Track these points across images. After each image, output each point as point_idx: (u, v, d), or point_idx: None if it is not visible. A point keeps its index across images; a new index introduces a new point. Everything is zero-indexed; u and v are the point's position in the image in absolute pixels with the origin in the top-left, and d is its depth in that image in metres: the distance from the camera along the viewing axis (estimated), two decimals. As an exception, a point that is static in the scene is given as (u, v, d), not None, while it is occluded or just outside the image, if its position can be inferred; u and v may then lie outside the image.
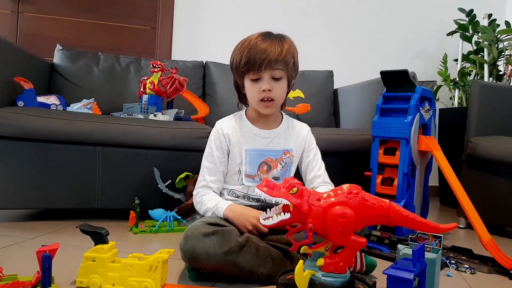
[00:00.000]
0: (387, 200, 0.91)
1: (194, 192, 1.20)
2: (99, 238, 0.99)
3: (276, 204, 0.86)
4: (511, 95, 1.88)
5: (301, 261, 0.88)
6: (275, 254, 1.06)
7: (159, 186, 1.57)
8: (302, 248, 0.94)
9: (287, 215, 0.86)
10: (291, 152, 1.23)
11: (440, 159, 1.40)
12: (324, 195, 0.91)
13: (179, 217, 1.54)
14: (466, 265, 1.26)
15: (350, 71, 2.62)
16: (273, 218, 0.86)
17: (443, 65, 2.56)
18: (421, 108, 1.42)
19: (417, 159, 1.45)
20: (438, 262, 0.89)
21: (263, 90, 1.12)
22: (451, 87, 2.54)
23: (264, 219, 0.89)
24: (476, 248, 1.39)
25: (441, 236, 0.93)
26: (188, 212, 1.58)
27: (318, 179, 1.24)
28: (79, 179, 1.57)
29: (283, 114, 1.28)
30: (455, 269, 1.26)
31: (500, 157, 1.64)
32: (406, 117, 1.39)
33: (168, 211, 1.55)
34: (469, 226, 1.85)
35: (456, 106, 2.51)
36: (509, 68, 2.29)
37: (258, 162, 1.20)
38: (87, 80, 2.18)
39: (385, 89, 1.49)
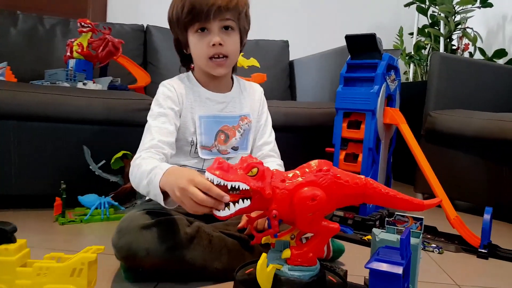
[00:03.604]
0: (362, 176, 0.79)
1: (135, 157, 0.92)
2: (2, 236, 0.77)
3: (232, 189, 0.68)
4: (471, 68, 1.84)
5: (264, 255, 0.73)
6: (232, 245, 0.91)
7: (90, 167, 1.35)
8: (264, 237, 0.79)
9: (247, 202, 0.70)
10: (249, 117, 1.05)
11: (407, 132, 1.31)
12: (290, 175, 0.76)
13: (116, 203, 1.34)
14: (433, 245, 1.20)
15: (305, 42, 2.52)
16: (229, 207, 0.69)
17: (399, 38, 2.50)
18: (387, 78, 1.31)
19: (382, 133, 1.35)
20: (420, 248, 0.77)
21: (213, 45, 0.92)
22: (406, 61, 2.49)
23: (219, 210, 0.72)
24: (439, 225, 1.34)
25: (422, 218, 0.82)
26: (127, 197, 1.37)
27: (268, 146, 1.09)
28: (-13, 160, 1.30)
29: (233, 76, 1.09)
30: (422, 249, 1.18)
31: (460, 131, 1.60)
32: (372, 86, 1.27)
33: (103, 196, 1.35)
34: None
35: (411, 80, 2.47)
36: (463, 42, 2.28)
37: (214, 130, 1.01)
38: (2, 43, 1.88)
39: (349, 56, 1.36)
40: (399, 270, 0.61)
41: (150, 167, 0.82)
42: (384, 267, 0.62)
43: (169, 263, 0.82)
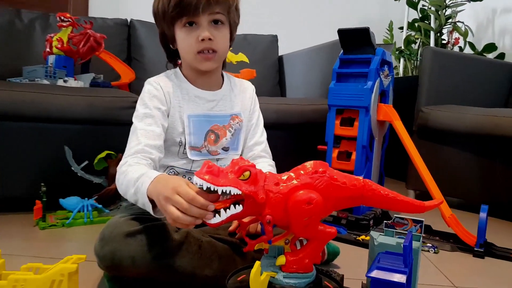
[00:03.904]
0: (360, 178, 0.75)
1: (121, 163, 0.86)
2: (-27, 247, 0.71)
3: (223, 194, 0.64)
4: (463, 63, 1.82)
5: (257, 263, 0.68)
6: (222, 250, 0.86)
7: (72, 168, 1.29)
8: (257, 244, 0.75)
9: (239, 208, 0.65)
10: (240, 116, 1.00)
11: (401, 129, 1.27)
12: (284, 177, 0.71)
13: (100, 206, 1.28)
14: (429, 244, 1.17)
15: (295, 36, 2.47)
16: (220, 213, 0.64)
17: (388, 32, 2.47)
18: (381, 73, 1.27)
19: (376, 130, 1.31)
20: (420, 252, 0.74)
21: (202, 40, 0.87)
22: (396, 55, 2.47)
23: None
24: (433, 223, 1.32)
25: (422, 221, 0.79)
26: (111, 199, 1.31)
27: (259, 146, 1.04)
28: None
29: (223, 72, 1.04)
30: (418, 249, 1.15)
31: (453, 127, 1.57)
32: (366, 82, 1.24)
33: (86, 198, 1.29)
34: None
35: (401, 75, 2.45)
36: (453, 37, 2.26)
37: (204, 130, 0.95)
38: (-24, 38, 1.79)
39: (342, 51, 1.32)
40: (402, 279, 0.57)
41: (137, 175, 0.77)
42: (386, 275, 0.58)
43: (156, 271, 0.78)
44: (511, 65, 1.99)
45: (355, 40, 1.26)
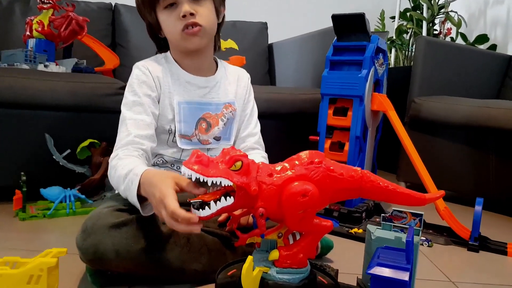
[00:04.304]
0: (358, 169, 0.72)
1: (112, 155, 0.83)
2: None
3: (214, 185, 0.60)
4: (457, 53, 1.80)
5: (250, 258, 0.65)
6: (212, 244, 0.82)
7: (54, 157, 1.23)
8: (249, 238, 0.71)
9: (230, 200, 0.62)
10: (233, 105, 0.97)
11: (395, 120, 1.25)
12: (278, 168, 0.68)
13: (83, 196, 1.23)
14: (422, 237, 1.15)
15: (285, 24, 2.41)
16: (210, 206, 0.60)
17: (380, 22, 2.44)
18: (375, 61, 1.24)
19: (370, 120, 1.28)
20: (418, 247, 0.72)
21: (184, 16, 0.83)
22: (387, 45, 2.44)
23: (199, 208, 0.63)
24: (425, 216, 1.29)
25: (421, 214, 0.76)
26: (95, 189, 1.26)
27: (253, 138, 1.01)
28: None
29: (217, 59, 1.00)
30: (411, 242, 1.14)
31: (446, 118, 1.55)
32: (360, 71, 1.20)
33: (68, 189, 1.24)
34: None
35: (393, 66, 2.43)
36: (445, 27, 2.24)
37: (195, 118, 0.92)
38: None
39: (335, 38, 1.28)
40: (405, 276, 0.54)
41: (125, 171, 0.74)
42: (388, 272, 0.55)
43: (142, 266, 0.74)
44: (503, 56, 1.98)
45: (349, 27, 1.22)
